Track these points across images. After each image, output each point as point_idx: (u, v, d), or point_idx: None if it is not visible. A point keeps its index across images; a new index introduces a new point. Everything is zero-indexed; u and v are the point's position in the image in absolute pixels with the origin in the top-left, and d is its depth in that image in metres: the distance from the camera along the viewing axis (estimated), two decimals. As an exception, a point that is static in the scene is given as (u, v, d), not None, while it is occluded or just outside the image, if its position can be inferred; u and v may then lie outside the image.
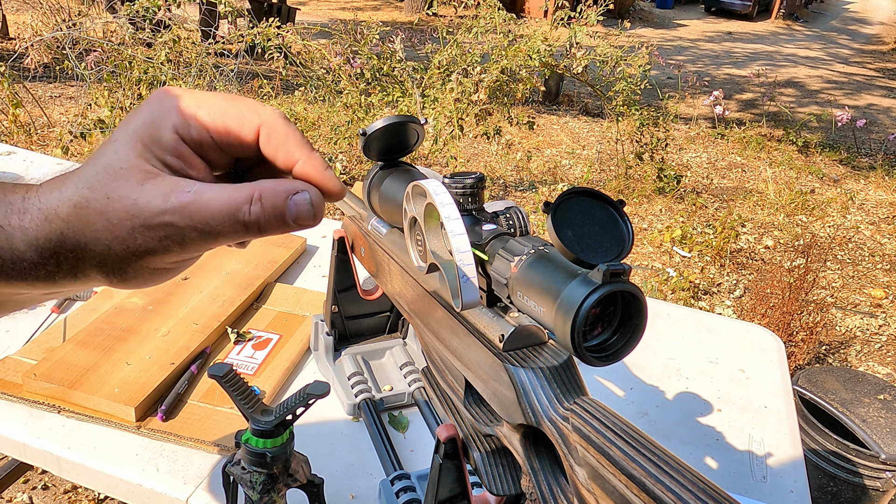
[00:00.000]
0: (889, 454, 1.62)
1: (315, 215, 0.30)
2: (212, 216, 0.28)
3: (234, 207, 0.29)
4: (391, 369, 0.86)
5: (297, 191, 0.29)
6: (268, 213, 0.29)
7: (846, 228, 3.82)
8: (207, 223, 0.28)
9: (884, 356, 2.67)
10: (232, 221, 0.29)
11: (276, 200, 0.29)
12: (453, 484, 0.52)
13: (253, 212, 0.29)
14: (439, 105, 3.32)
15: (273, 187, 0.29)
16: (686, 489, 0.30)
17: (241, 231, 0.29)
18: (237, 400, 0.57)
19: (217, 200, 0.28)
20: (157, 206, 0.28)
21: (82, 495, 1.64)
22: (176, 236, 0.28)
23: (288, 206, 0.29)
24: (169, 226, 0.28)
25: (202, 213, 0.28)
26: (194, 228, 0.28)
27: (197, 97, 0.31)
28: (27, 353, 0.83)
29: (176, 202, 0.28)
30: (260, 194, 0.29)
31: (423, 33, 5.81)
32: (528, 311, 0.40)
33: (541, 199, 3.42)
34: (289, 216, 0.29)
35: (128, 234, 0.28)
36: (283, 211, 0.29)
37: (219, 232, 0.29)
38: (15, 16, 6.02)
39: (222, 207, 0.28)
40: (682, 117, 5.74)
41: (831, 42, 11.68)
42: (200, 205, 0.28)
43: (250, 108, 0.32)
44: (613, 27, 4.04)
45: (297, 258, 1.14)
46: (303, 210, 0.29)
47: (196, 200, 0.28)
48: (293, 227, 0.30)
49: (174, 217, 0.28)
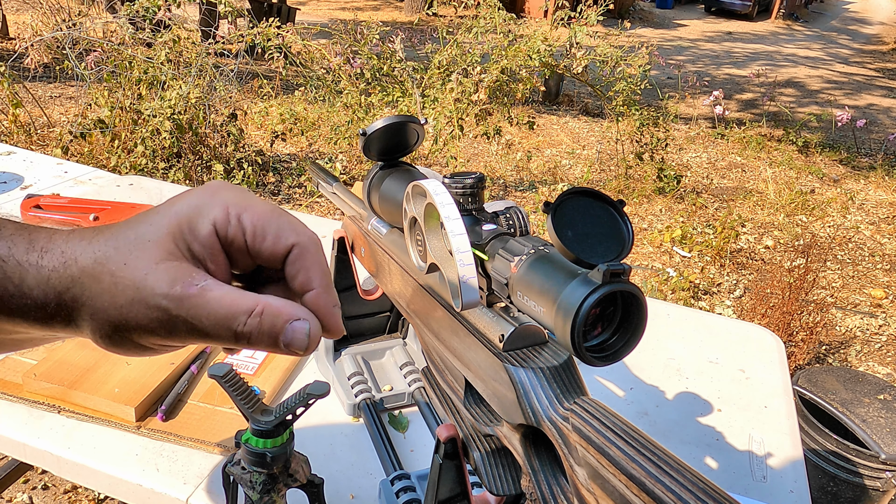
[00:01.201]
0: (889, 454, 1.62)
1: (308, 347, 0.30)
2: (207, 316, 0.29)
3: (232, 315, 0.29)
4: (391, 369, 0.86)
5: (298, 318, 0.30)
6: (263, 331, 0.29)
7: (846, 228, 3.82)
8: (201, 321, 0.29)
9: (884, 356, 2.67)
10: (224, 327, 0.29)
11: (275, 321, 0.29)
12: (453, 484, 0.52)
13: (249, 324, 0.29)
14: (439, 105, 3.32)
15: (278, 307, 0.30)
16: (686, 489, 0.30)
17: (230, 338, 0.29)
18: (237, 400, 0.57)
19: (218, 303, 0.29)
20: (162, 289, 0.29)
21: (82, 495, 1.64)
22: (167, 322, 0.29)
23: (285, 330, 0.29)
24: (164, 310, 0.28)
25: (198, 310, 0.29)
26: (186, 322, 0.29)
27: (246, 199, 0.32)
28: (27, 353, 0.83)
29: (179, 291, 0.29)
30: (262, 309, 0.29)
31: (423, 33, 5.81)
32: (528, 311, 0.40)
33: (541, 199, 3.42)
34: (282, 340, 0.29)
35: (124, 303, 0.28)
36: (277, 333, 0.29)
37: (208, 333, 0.29)
38: (15, 16, 6.02)
39: (220, 311, 0.29)
40: (682, 117, 5.74)
41: (831, 42, 11.68)
42: (201, 301, 0.29)
43: (292, 226, 0.32)
44: (613, 27, 4.04)
45: (297, 258, 1.14)
46: (298, 339, 0.30)
47: (198, 296, 0.29)
48: (282, 350, 0.30)
49: (171, 304, 0.28)
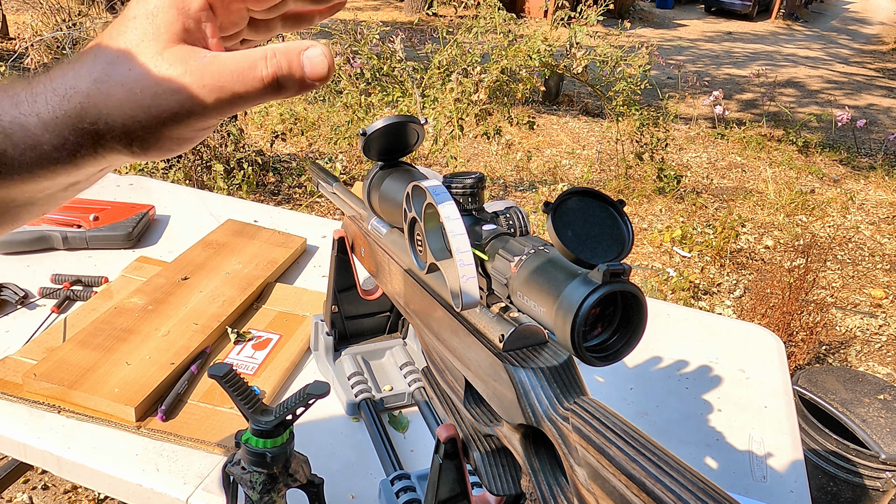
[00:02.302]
0: (889, 454, 1.62)
1: (328, 68, 0.31)
2: (230, 75, 0.29)
3: (251, 65, 0.30)
4: (391, 369, 0.86)
5: (307, 47, 0.31)
6: (283, 68, 0.30)
7: (846, 228, 3.82)
8: (227, 81, 0.29)
9: (884, 356, 2.67)
10: (250, 79, 0.30)
11: (290, 55, 0.30)
12: (453, 484, 0.52)
13: (270, 65, 0.30)
14: (439, 105, 3.32)
15: (285, 46, 0.30)
16: (686, 489, 0.30)
17: (258, 89, 0.30)
18: (237, 400, 0.57)
19: (234, 61, 0.30)
20: (178, 70, 0.29)
21: (82, 495, 1.64)
22: (197, 98, 0.29)
23: (303, 60, 0.30)
24: (190, 87, 0.29)
25: (221, 73, 0.29)
26: (214, 87, 0.29)
27: None
28: (27, 353, 0.83)
29: (195, 64, 0.29)
30: (274, 52, 0.30)
31: (423, 33, 5.80)
32: (528, 311, 0.40)
33: (541, 199, 3.42)
34: (306, 69, 0.30)
35: (151, 101, 0.29)
36: (299, 64, 0.30)
37: (236, 91, 0.30)
38: (15, 16, 6.02)
39: (239, 66, 0.30)
40: (682, 117, 5.74)
41: (831, 42, 11.68)
42: (218, 65, 0.29)
43: None
44: (613, 27, 4.04)
45: (297, 258, 1.14)
46: (317, 62, 0.30)
47: (213, 62, 0.30)
48: (308, 82, 0.30)
49: (194, 78, 0.29)
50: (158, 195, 1.31)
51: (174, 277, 0.99)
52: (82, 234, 1.09)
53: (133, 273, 1.02)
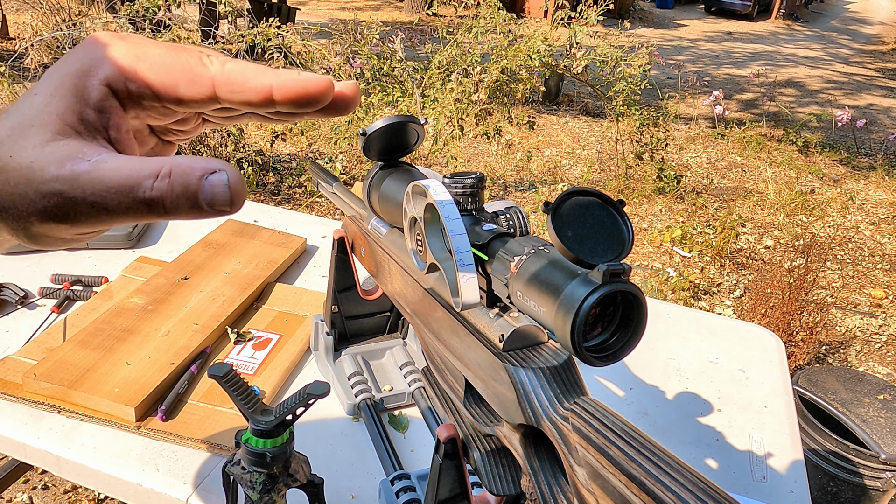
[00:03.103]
0: (889, 454, 1.62)
1: (232, 200, 0.26)
2: (106, 189, 0.25)
3: (135, 183, 0.26)
4: (391, 369, 0.86)
5: (213, 170, 0.26)
6: (176, 192, 0.26)
7: (846, 228, 3.82)
8: (101, 196, 0.26)
9: (884, 356, 2.67)
10: (130, 198, 0.26)
11: (187, 179, 0.26)
12: (453, 484, 0.52)
13: (157, 188, 0.26)
14: (439, 105, 3.32)
15: (187, 164, 0.26)
16: (686, 489, 0.30)
17: (141, 209, 0.26)
18: (237, 400, 0.57)
19: (117, 173, 0.26)
20: (51, 172, 0.26)
21: (82, 495, 1.64)
22: (66, 206, 0.26)
23: (202, 186, 0.26)
24: (59, 194, 0.26)
25: (96, 185, 0.25)
26: (85, 201, 0.26)
27: (134, 47, 0.28)
28: (27, 353, 0.83)
29: (70, 170, 0.26)
30: (170, 170, 0.26)
31: (423, 33, 5.80)
32: (528, 311, 0.40)
33: (541, 199, 3.42)
34: (202, 198, 0.26)
35: (20, 199, 0.26)
36: (195, 191, 0.26)
37: (113, 208, 0.26)
38: (15, 16, 6.02)
39: (121, 181, 0.26)
40: (682, 117, 5.74)
41: (831, 42, 11.68)
42: (96, 175, 0.26)
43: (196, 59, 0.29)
44: (613, 27, 4.04)
45: (297, 258, 1.14)
46: (219, 192, 0.26)
47: (92, 170, 0.26)
48: (207, 211, 0.26)
49: (64, 186, 0.26)
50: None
51: (174, 277, 0.99)
52: (82, 234, 1.09)
53: (133, 273, 1.02)
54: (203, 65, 0.29)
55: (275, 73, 0.29)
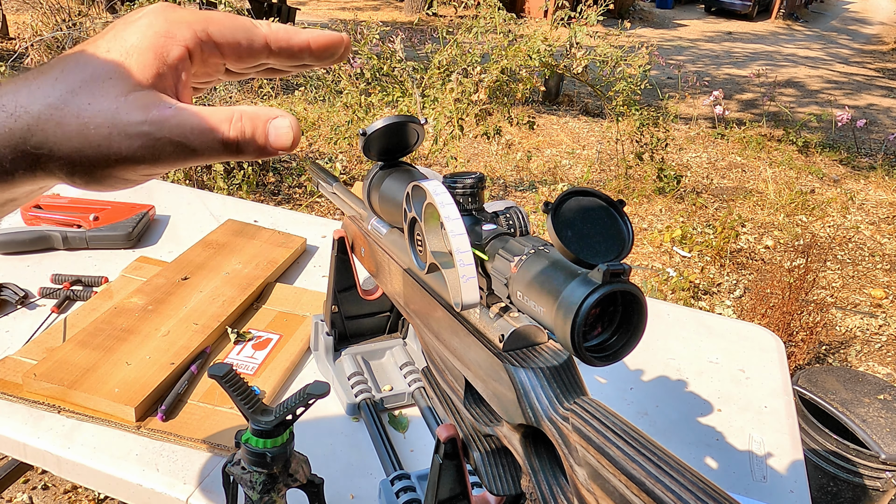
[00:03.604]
0: (889, 454, 1.62)
1: (293, 140, 0.31)
2: (191, 130, 0.29)
3: (215, 125, 0.29)
4: (391, 369, 0.86)
5: (276, 116, 0.31)
6: (247, 133, 0.30)
7: (846, 228, 3.82)
8: (186, 137, 0.29)
9: (884, 356, 2.67)
10: (210, 138, 0.29)
11: (256, 122, 0.30)
12: (453, 484, 0.52)
13: (234, 128, 0.30)
14: (439, 105, 3.32)
15: (254, 111, 0.30)
16: (686, 489, 0.30)
17: (218, 149, 0.30)
18: (237, 400, 0.57)
19: (197, 117, 0.29)
20: (138, 116, 0.29)
21: (82, 495, 1.64)
22: (152, 147, 0.29)
23: (268, 128, 0.30)
24: (147, 136, 0.29)
25: (182, 127, 0.29)
26: (171, 142, 0.29)
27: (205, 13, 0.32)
28: (27, 353, 0.83)
29: (157, 115, 0.29)
30: (241, 115, 0.30)
31: (423, 33, 5.80)
32: (528, 311, 0.40)
33: (541, 199, 3.42)
34: (270, 139, 0.30)
35: (103, 140, 0.28)
36: (264, 132, 0.30)
37: (195, 148, 0.29)
38: (15, 16, 6.02)
39: (203, 124, 0.29)
40: (682, 117, 5.74)
41: (831, 42, 11.67)
42: (181, 119, 0.29)
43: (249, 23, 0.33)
44: (613, 27, 4.04)
45: (297, 258, 1.14)
46: (283, 133, 0.30)
47: (177, 115, 0.29)
48: (269, 150, 0.31)
49: (153, 128, 0.29)
50: (158, 195, 1.31)
51: (174, 277, 0.99)
52: (82, 234, 1.09)
53: (133, 273, 1.02)
54: (255, 27, 0.33)
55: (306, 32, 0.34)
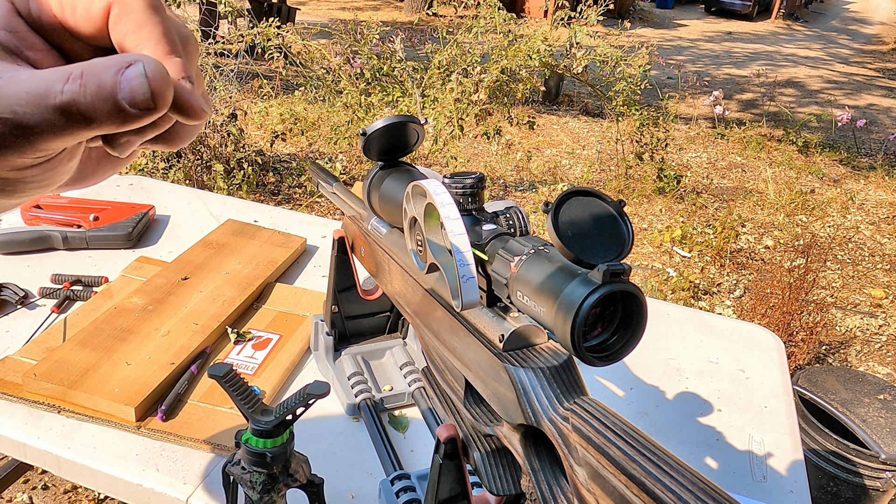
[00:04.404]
0: (889, 454, 1.62)
1: (154, 93, 0.22)
2: (17, 101, 0.22)
3: (45, 88, 0.22)
4: (391, 369, 0.86)
5: (129, 63, 0.22)
6: (91, 93, 0.22)
7: (846, 228, 3.82)
8: (13, 111, 0.22)
9: (884, 356, 2.67)
10: (43, 106, 0.22)
11: (101, 77, 0.22)
12: (453, 484, 0.52)
13: (67, 91, 0.22)
14: (439, 105, 3.32)
15: (101, 62, 0.22)
16: (686, 489, 0.30)
17: (55, 121, 0.22)
18: (237, 400, 0.57)
19: (27, 82, 0.22)
20: None
21: (82, 495, 1.64)
22: None
23: (119, 82, 0.22)
24: None
25: (7, 98, 0.22)
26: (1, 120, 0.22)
27: None
28: (27, 353, 0.83)
29: None
30: (82, 70, 0.22)
31: (423, 33, 5.80)
32: (528, 311, 0.40)
33: (541, 199, 3.42)
34: (121, 97, 0.22)
35: None
36: (112, 89, 0.22)
37: (28, 122, 0.22)
38: (15, 16, 6.01)
39: (31, 89, 0.22)
40: (682, 117, 5.74)
41: (831, 42, 11.68)
42: (7, 89, 0.22)
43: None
44: (613, 27, 4.04)
45: (297, 258, 1.14)
46: (137, 86, 0.22)
47: (4, 84, 0.22)
48: (131, 112, 0.22)
49: None
50: (158, 195, 1.31)
51: (174, 277, 0.99)
52: (82, 234, 1.09)
53: (133, 273, 1.02)
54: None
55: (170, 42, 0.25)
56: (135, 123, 0.22)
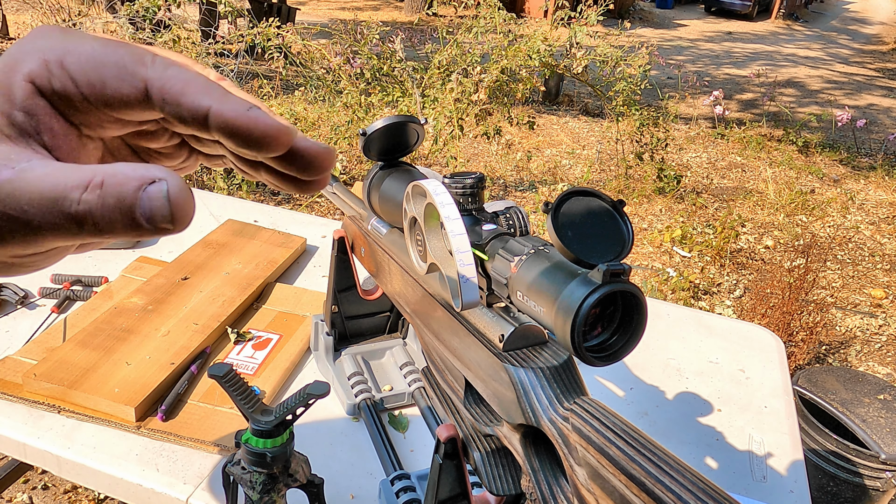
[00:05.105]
0: (889, 454, 1.62)
1: (173, 215, 0.21)
2: (28, 202, 0.21)
3: (60, 194, 0.21)
4: (391, 369, 0.86)
5: (153, 179, 0.21)
6: (108, 207, 0.21)
7: (846, 228, 3.82)
8: (23, 210, 0.21)
9: (884, 356, 2.67)
10: (55, 212, 0.21)
11: (122, 190, 0.21)
12: (453, 484, 0.52)
13: (85, 201, 0.21)
14: (439, 105, 3.32)
15: (123, 172, 0.21)
16: (686, 489, 0.30)
17: (70, 227, 0.21)
18: (237, 400, 0.57)
19: (42, 181, 0.21)
20: None
21: (82, 495, 1.64)
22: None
23: (140, 199, 0.21)
24: None
25: (18, 196, 0.21)
26: (6, 216, 0.21)
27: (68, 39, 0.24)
28: (27, 353, 0.83)
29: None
30: (102, 179, 0.21)
31: (423, 33, 5.81)
32: (528, 311, 0.40)
33: (541, 199, 3.42)
34: (140, 213, 0.21)
35: None
36: (131, 205, 0.21)
37: (37, 225, 0.21)
38: (15, 16, 6.02)
39: (45, 191, 0.21)
40: (682, 117, 5.74)
41: (831, 42, 11.68)
42: (18, 184, 0.21)
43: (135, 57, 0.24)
44: (613, 27, 4.04)
45: (297, 258, 1.14)
46: (157, 206, 0.21)
47: (15, 179, 0.21)
48: (147, 228, 0.21)
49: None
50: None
51: (174, 277, 0.99)
52: (82, 234, 1.09)
53: (133, 273, 1.02)
54: (141, 63, 0.24)
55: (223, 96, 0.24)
56: (147, 237, 0.22)
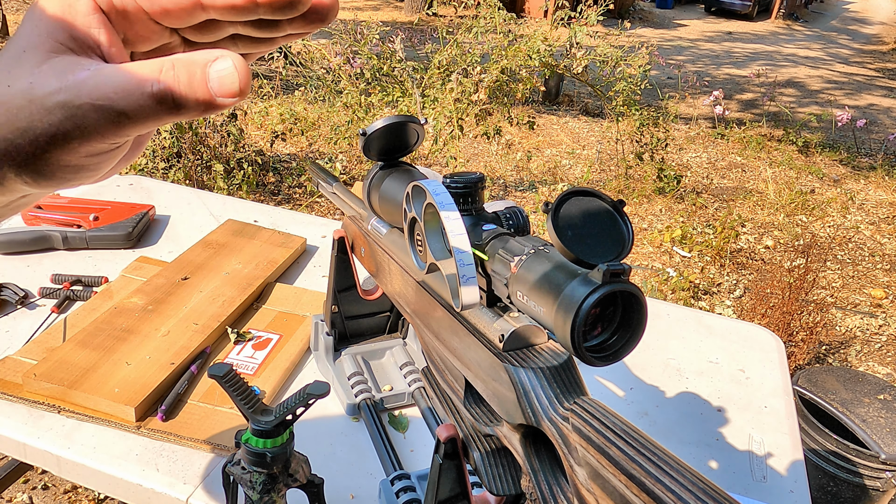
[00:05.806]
0: (889, 454, 1.62)
1: (240, 85, 0.25)
2: (114, 90, 0.24)
3: (141, 78, 0.24)
4: (391, 369, 0.86)
5: (216, 57, 0.25)
6: (183, 82, 0.25)
7: (846, 228, 3.82)
8: (109, 98, 0.24)
9: (884, 356, 2.67)
10: (138, 94, 0.24)
11: (192, 67, 0.25)
12: (453, 484, 0.52)
13: (163, 80, 0.24)
14: (439, 105, 3.32)
15: (189, 56, 0.25)
16: (686, 489, 0.30)
17: (150, 107, 0.25)
18: (237, 400, 0.57)
19: (120, 73, 0.25)
20: (53, 84, 0.25)
21: (82, 495, 1.64)
22: (74, 117, 0.25)
23: (208, 73, 0.25)
24: (65, 106, 0.24)
25: (102, 87, 0.24)
26: (94, 107, 0.24)
27: None
28: (27, 353, 0.83)
29: (72, 80, 0.25)
30: (172, 63, 0.25)
31: (423, 33, 5.81)
32: (528, 311, 0.40)
33: (541, 199, 3.42)
34: (211, 84, 0.25)
35: (27, 123, 0.25)
36: (202, 79, 0.25)
37: (123, 109, 0.24)
38: (15, 16, 6.02)
39: (127, 80, 0.24)
40: (682, 117, 5.74)
41: (831, 42, 11.68)
42: (100, 79, 0.25)
43: None
44: (613, 27, 4.04)
45: (297, 258, 1.14)
46: (226, 78, 0.25)
47: (96, 75, 0.25)
48: (216, 101, 0.25)
49: (69, 95, 0.24)
50: (158, 195, 1.31)
51: (174, 277, 0.99)
52: (82, 234, 1.09)
53: (133, 273, 1.02)
54: None
55: None
56: (215, 111, 0.25)
